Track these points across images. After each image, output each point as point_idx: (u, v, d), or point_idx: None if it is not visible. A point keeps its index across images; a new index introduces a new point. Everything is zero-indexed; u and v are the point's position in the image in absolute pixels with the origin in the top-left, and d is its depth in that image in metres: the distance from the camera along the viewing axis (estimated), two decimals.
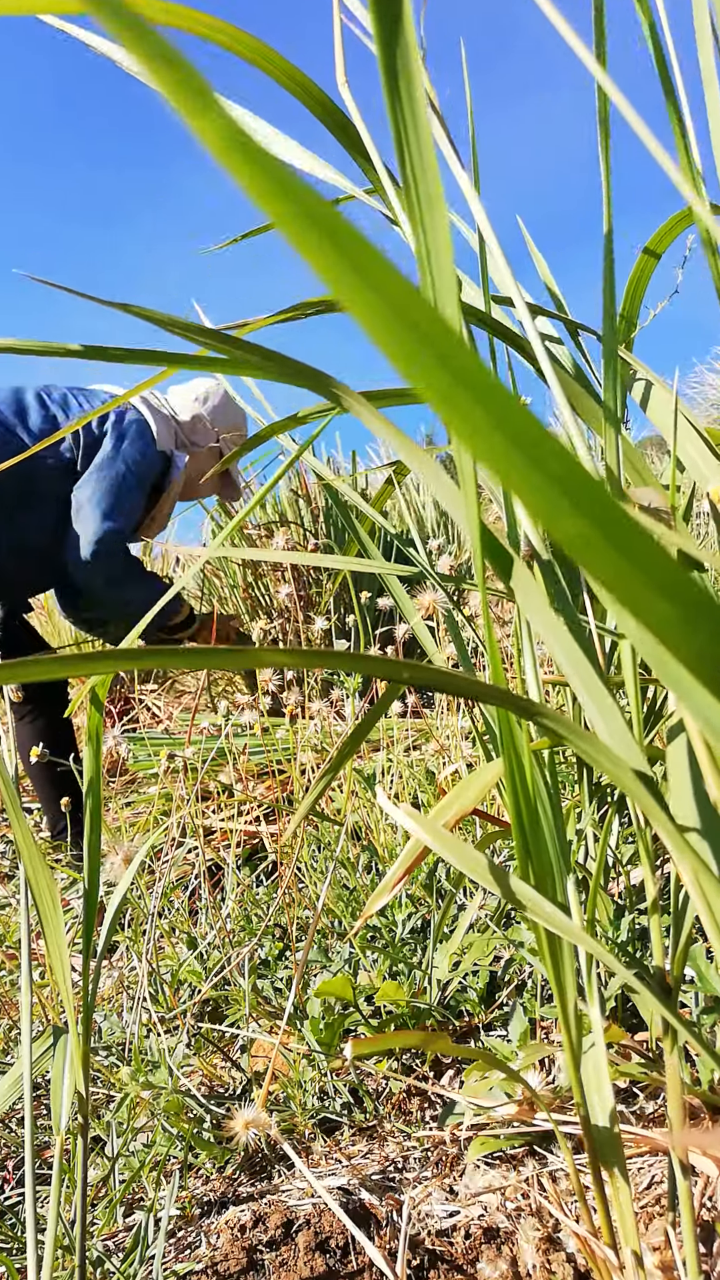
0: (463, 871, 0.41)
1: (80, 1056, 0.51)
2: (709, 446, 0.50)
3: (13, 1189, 0.77)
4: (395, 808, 0.41)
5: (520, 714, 0.28)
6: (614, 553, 0.13)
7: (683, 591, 0.14)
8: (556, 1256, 0.59)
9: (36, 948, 1.18)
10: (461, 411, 0.12)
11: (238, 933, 1.03)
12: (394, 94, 0.27)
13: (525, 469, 0.13)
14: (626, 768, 0.31)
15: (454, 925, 0.92)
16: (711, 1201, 0.59)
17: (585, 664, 0.36)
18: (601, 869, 0.44)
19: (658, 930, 0.46)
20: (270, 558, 0.64)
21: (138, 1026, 0.87)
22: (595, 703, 0.36)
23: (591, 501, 0.13)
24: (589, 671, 0.36)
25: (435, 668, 0.26)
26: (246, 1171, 0.75)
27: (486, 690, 0.27)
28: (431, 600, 0.86)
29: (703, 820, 0.37)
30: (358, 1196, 0.67)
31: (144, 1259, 0.61)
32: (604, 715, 0.36)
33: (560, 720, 0.28)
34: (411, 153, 0.27)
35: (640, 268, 0.51)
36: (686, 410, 0.48)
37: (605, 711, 0.36)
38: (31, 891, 0.52)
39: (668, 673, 0.23)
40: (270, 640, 2.22)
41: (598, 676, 0.36)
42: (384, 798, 0.44)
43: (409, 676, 0.25)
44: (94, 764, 0.52)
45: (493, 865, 0.40)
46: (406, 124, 0.27)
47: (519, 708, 0.28)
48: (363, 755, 1.60)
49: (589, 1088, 0.45)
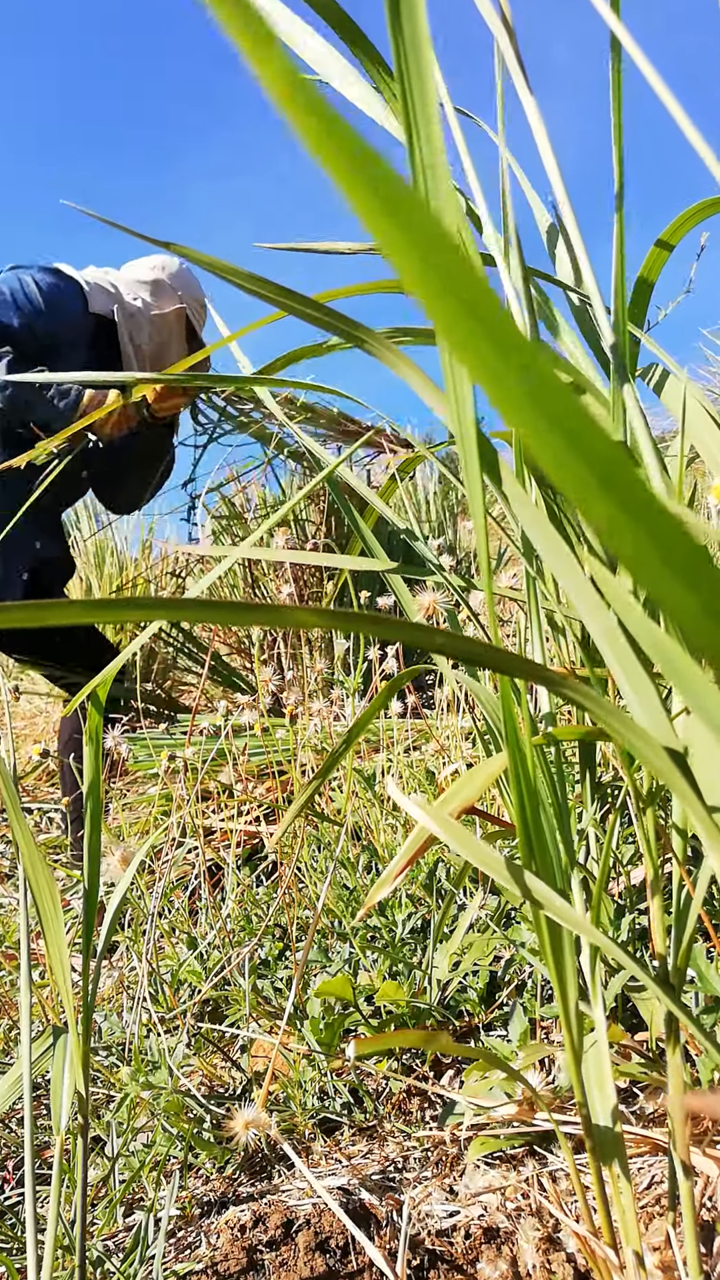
0: (468, 860, 0.41)
1: (80, 1056, 0.50)
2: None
3: (13, 1189, 0.76)
4: (405, 797, 0.41)
5: (545, 685, 0.28)
6: (646, 538, 0.13)
7: (711, 582, 0.14)
8: (556, 1256, 0.59)
9: (36, 948, 1.18)
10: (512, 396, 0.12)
11: (238, 933, 1.03)
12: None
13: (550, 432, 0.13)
14: (657, 745, 0.30)
15: (454, 925, 0.92)
16: (712, 1201, 0.59)
17: (619, 636, 0.35)
18: (605, 868, 0.44)
19: (659, 926, 0.46)
20: (270, 557, 0.64)
21: (138, 1026, 0.86)
22: (629, 677, 0.35)
23: (622, 484, 0.13)
24: (623, 644, 0.35)
25: (467, 637, 0.25)
26: (246, 1171, 0.75)
27: (513, 661, 0.27)
28: (432, 600, 0.86)
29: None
30: (358, 1196, 0.67)
31: (144, 1259, 0.61)
32: (637, 688, 0.35)
33: (586, 694, 0.28)
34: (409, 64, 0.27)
35: (651, 260, 0.51)
36: (700, 396, 0.48)
37: (638, 685, 0.35)
38: (31, 891, 0.52)
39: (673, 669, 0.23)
40: (270, 640, 2.22)
41: (634, 653, 0.35)
42: (393, 786, 0.44)
43: (441, 643, 0.25)
44: (94, 764, 0.52)
45: (496, 855, 0.40)
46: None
47: (547, 680, 0.27)
48: (363, 756, 1.60)
49: (590, 1086, 0.44)
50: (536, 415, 0.13)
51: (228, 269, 0.41)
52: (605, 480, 0.13)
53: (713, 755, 0.37)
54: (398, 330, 0.55)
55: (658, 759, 0.29)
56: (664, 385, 0.53)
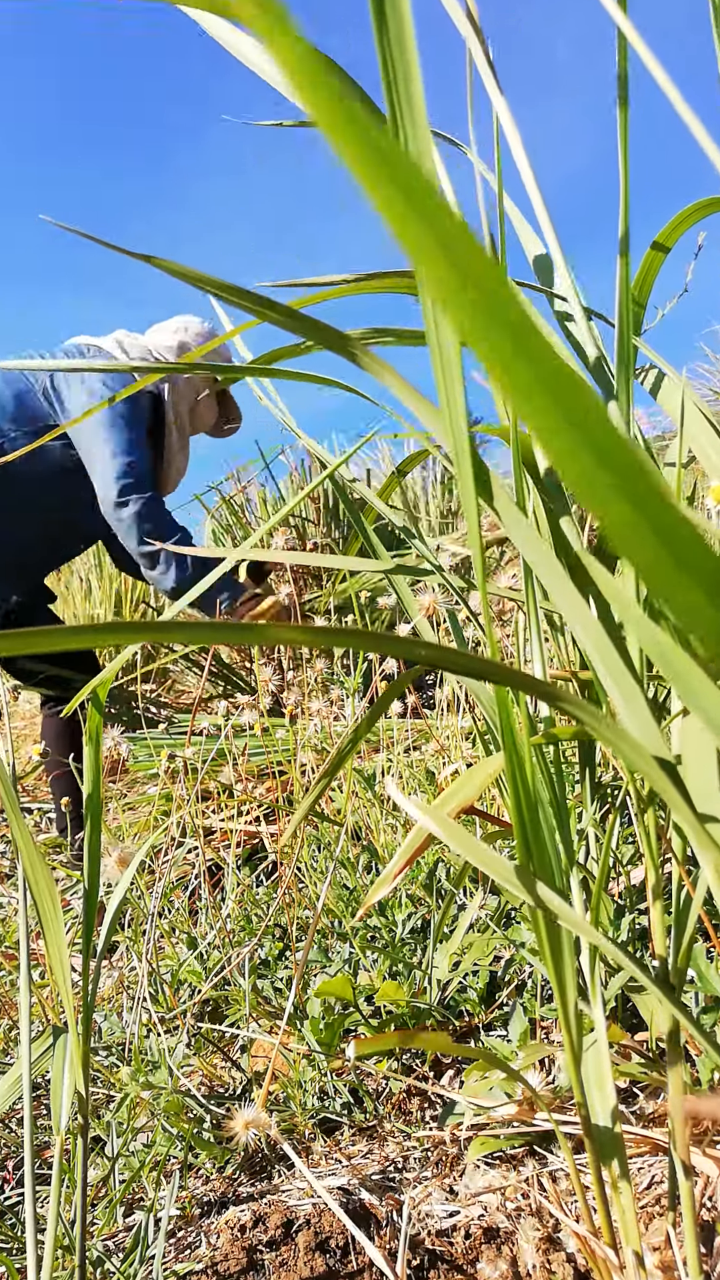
0: (467, 859, 0.41)
1: (80, 1056, 0.50)
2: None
3: (13, 1189, 0.76)
4: (404, 797, 0.41)
5: (537, 695, 0.28)
6: (653, 538, 0.13)
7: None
8: (556, 1256, 0.59)
9: (36, 948, 1.18)
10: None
11: (238, 933, 1.03)
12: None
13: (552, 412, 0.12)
14: (648, 754, 0.30)
15: (454, 925, 0.92)
16: (712, 1201, 0.59)
17: (610, 648, 0.36)
18: (605, 869, 0.44)
19: (660, 927, 0.46)
20: (269, 558, 0.64)
21: (138, 1026, 0.86)
22: (619, 687, 0.36)
23: (635, 484, 0.13)
24: (614, 657, 0.36)
25: (451, 648, 0.25)
26: (246, 1171, 0.75)
27: (501, 671, 0.27)
28: (432, 600, 0.86)
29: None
30: (358, 1196, 0.67)
31: (144, 1259, 0.61)
32: (626, 699, 0.35)
33: (578, 703, 0.28)
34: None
35: (648, 262, 0.51)
36: (696, 398, 0.48)
37: (628, 695, 0.35)
38: (31, 891, 0.52)
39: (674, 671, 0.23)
40: None
41: (624, 662, 0.36)
42: (393, 786, 0.44)
43: (425, 655, 0.25)
44: (94, 764, 0.52)
45: (496, 855, 0.40)
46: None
47: (535, 689, 0.27)
48: (363, 756, 1.60)
49: (590, 1086, 0.45)
50: (558, 419, 0.13)
51: (201, 278, 0.41)
52: (622, 486, 0.13)
53: (705, 762, 0.37)
54: (376, 331, 0.52)
55: (649, 768, 0.30)
56: (660, 387, 0.53)
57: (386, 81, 0.26)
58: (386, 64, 0.25)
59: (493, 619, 1.10)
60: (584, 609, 0.36)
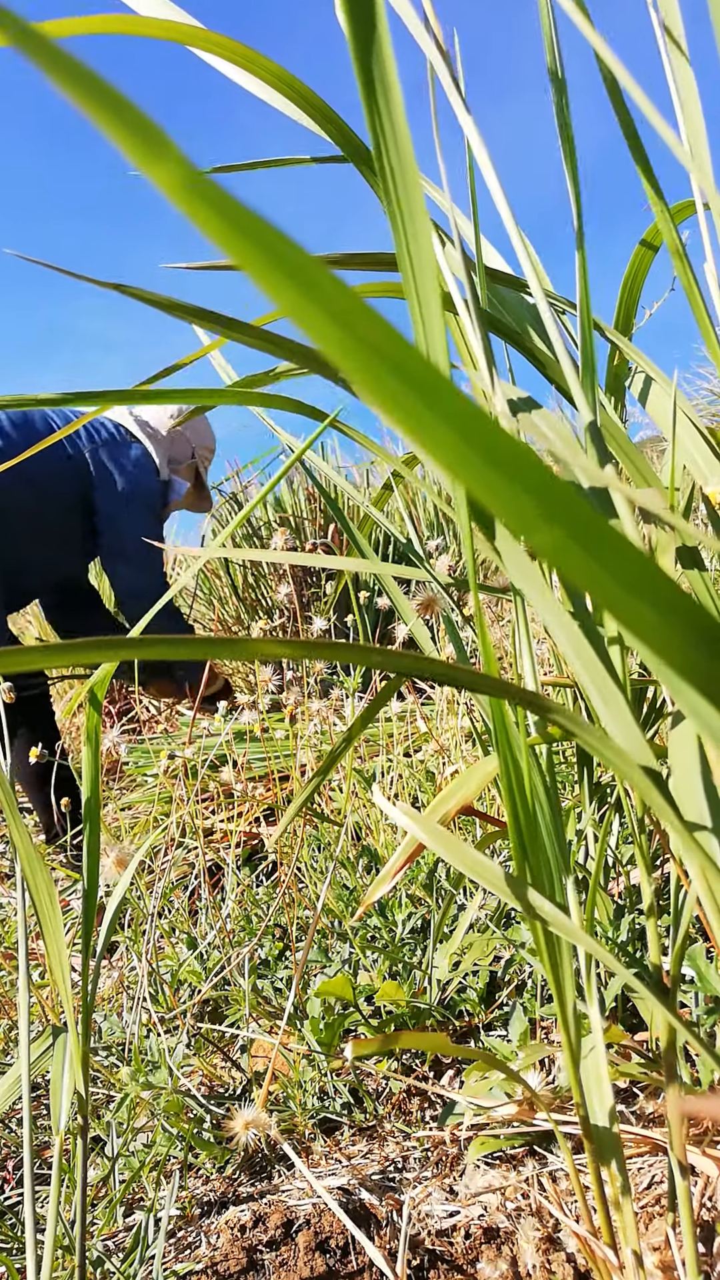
0: (457, 867, 0.41)
1: (80, 1056, 0.51)
2: (709, 445, 0.50)
3: (13, 1189, 0.76)
4: (392, 807, 0.41)
5: (525, 707, 0.28)
6: (591, 561, 0.13)
7: (664, 596, 0.14)
8: (556, 1256, 0.59)
9: (36, 948, 1.18)
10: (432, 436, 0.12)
11: (238, 933, 1.03)
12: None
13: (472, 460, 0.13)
14: (634, 763, 0.31)
15: (454, 925, 0.92)
16: (711, 1201, 0.59)
17: (594, 659, 0.36)
18: (601, 869, 0.44)
19: (654, 930, 0.46)
20: (270, 558, 0.64)
21: (138, 1026, 0.87)
22: (603, 697, 0.36)
23: (561, 505, 0.13)
24: (597, 666, 0.36)
25: (435, 659, 0.26)
26: (246, 1171, 0.75)
27: (486, 682, 0.27)
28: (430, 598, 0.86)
29: (712, 817, 0.37)
30: (358, 1196, 0.67)
31: (144, 1259, 0.61)
32: (611, 710, 0.36)
33: (565, 714, 0.28)
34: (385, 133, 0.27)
35: (637, 261, 0.51)
36: (686, 405, 0.48)
37: (612, 706, 0.36)
38: (30, 892, 0.52)
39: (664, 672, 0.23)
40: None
41: (606, 671, 0.36)
42: (379, 796, 0.44)
43: (408, 667, 0.25)
44: (93, 764, 0.52)
45: (488, 862, 0.40)
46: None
47: (523, 700, 0.28)
48: (363, 757, 1.60)
49: (589, 1087, 0.45)
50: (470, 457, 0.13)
51: (170, 304, 0.42)
52: (546, 511, 0.13)
53: (691, 770, 0.37)
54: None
55: (635, 776, 0.30)
56: (648, 393, 0.53)
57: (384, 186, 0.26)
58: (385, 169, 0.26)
59: (487, 625, 1.09)
60: (562, 614, 0.36)
